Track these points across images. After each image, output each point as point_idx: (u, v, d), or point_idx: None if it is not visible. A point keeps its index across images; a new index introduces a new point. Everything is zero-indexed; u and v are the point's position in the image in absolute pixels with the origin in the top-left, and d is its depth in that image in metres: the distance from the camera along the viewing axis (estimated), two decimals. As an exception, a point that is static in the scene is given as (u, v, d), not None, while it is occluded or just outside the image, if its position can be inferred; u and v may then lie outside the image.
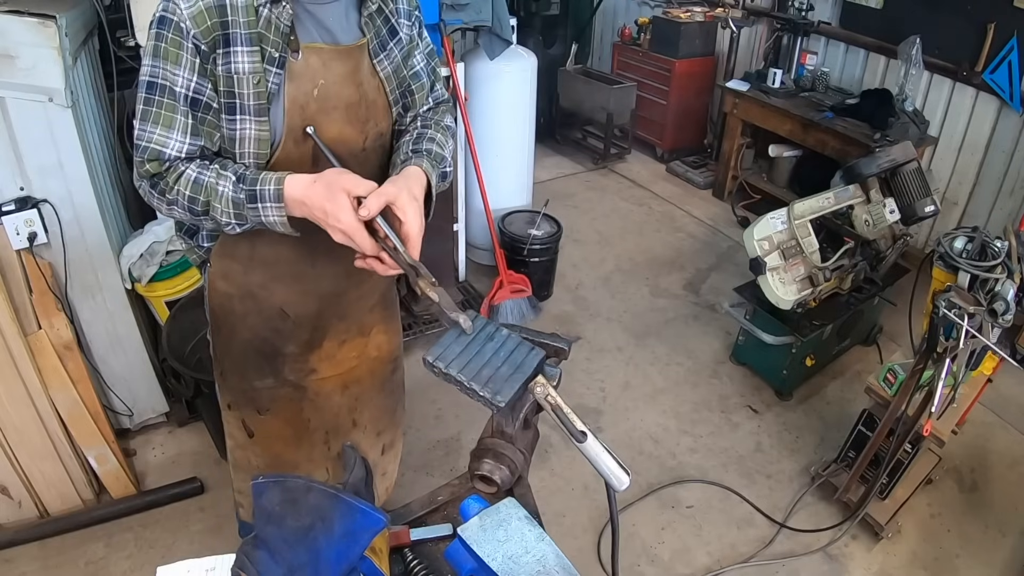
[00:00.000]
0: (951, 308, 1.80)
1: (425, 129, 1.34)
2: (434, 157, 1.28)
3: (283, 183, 1.10)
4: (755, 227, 2.55)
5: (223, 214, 1.13)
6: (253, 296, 1.35)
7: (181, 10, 1.06)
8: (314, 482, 0.88)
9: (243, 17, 1.09)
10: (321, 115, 1.17)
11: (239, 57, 1.10)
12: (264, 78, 1.12)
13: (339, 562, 0.86)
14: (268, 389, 1.48)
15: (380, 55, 1.24)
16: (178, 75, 1.09)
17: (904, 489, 2.26)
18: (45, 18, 1.75)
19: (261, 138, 1.16)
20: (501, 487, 0.97)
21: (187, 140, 1.13)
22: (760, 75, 3.99)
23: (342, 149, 1.20)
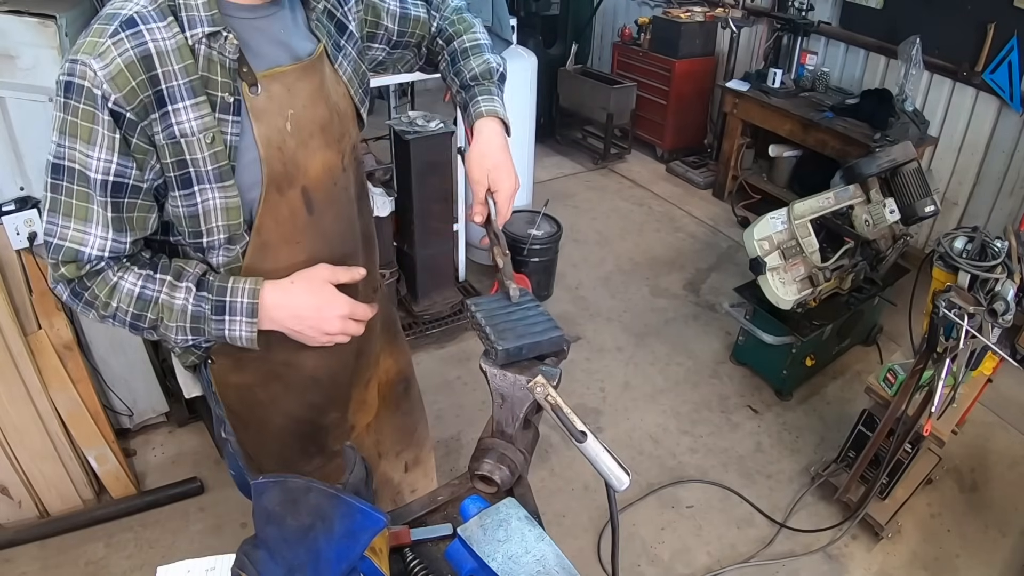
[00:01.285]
0: (951, 308, 1.80)
1: (451, 42, 1.26)
2: (483, 76, 1.21)
3: (258, 295, 0.98)
4: (755, 227, 2.55)
5: (177, 330, 0.98)
6: (278, 377, 1.18)
7: (94, 72, 0.84)
8: (314, 482, 0.88)
9: (176, 64, 0.89)
10: (300, 149, 1.01)
11: (182, 115, 0.90)
12: (219, 134, 0.93)
13: (339, 562, 0.86)
14: (317, 470, 1.32)
15: (338, 56, 1.10)
16: (91, 156, 0.88)
17: (904, 489, 2.26)
18: (45, 18, 1.75)
19: (229, 207, 0.97)
20: (501, 487, 0.97)
21: (109, 236, 0.92)
22: (760, 75, 3.99)
23: (326, 182, 1.06)
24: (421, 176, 2.69)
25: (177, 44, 0.89)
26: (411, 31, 1.24)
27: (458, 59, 1.24)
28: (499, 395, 0.97)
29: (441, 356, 2.98)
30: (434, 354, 2.97)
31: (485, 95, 1.19)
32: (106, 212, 0.91)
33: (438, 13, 1.27)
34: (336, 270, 1.05)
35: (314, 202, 1.05)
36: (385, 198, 2.64)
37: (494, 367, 0.96)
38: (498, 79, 1.24)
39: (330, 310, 1.02)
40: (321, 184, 1.05)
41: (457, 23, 1.27)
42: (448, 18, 1.27)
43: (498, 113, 1.18)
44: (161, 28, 0.88)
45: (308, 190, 1.04)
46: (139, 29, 0.86)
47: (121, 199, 0.92)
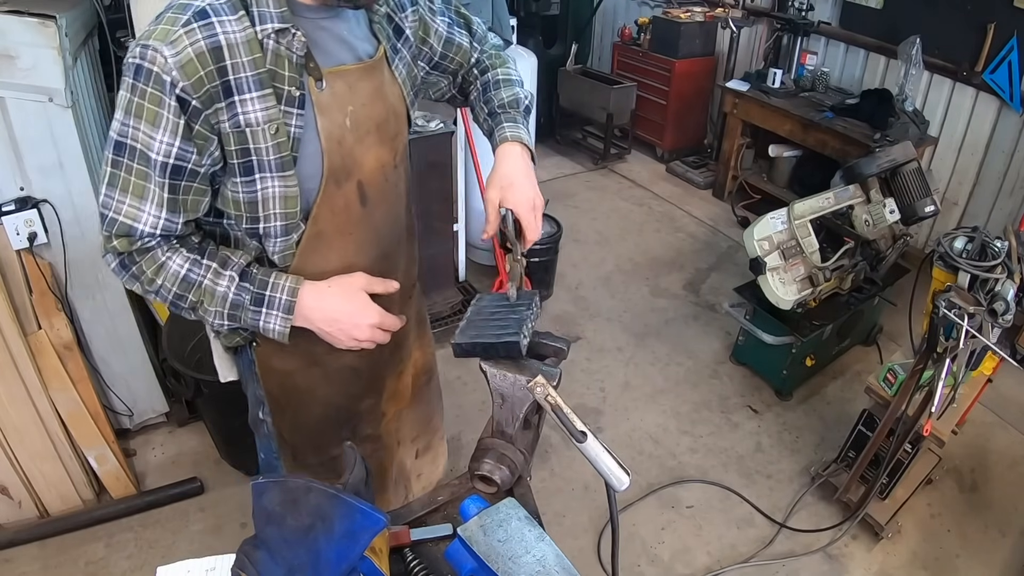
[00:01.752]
0: (951, 308, 1.80)
1: (486, 74, 1.31)
2: (510, 105, 1.25)
3: (297, 295, 1.03)
4: (755, 227, 2.55)
5: (215, 315, 1.04)
6: (319, 365, 1.22)
7: (165, 59, 0.87)
8: (314, 482, 0.88)
9: (245, 56, 0.92)
10: (358, 145, 1.05)
11: (248, 106, 0.94)
12: (283, 125, 0.96)
13: (339, 562, 0.86)
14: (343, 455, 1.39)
15: (395, 59, 1.14)
16: (155, 139, 0.91)
17: (904, 489, 2.26)
18: (45, 18, 1.75)
19: (288, 196, 1.01)
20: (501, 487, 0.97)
21: (163, 215, 0.96)
22: (760, 75, 3.99)
23: (379, 177, 1.11)
24: (421, 176, 2.69)
25: (247, 38, 0.92)
26: (453, 56, 1.28)
27: (489, 89, 1.29)
28: (499, 395, 0.97)
29: (441, 356, 2.93)
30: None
31: (510, 122, 1.23)
32: (162, 192, 0.95)
33: (480, 46, 1.33)
34: (372, 281, 1.11)
35: (368, 196, 1.10)
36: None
37: (494, 367, 0.96)
38: (524, 110, 1.28)
39: (361, 318, 1.07)
40: (374, 179, 1.11)
41: (494, 58, 1.33)
42: (487, 52, 1.33)
43: (522, 139, 1.22)
44: (232, 21, 0.91)
45: (363, 184, 1.09)
46: (211, 21, 0.90)
47: (179, 182, 0.96)
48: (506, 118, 1.24)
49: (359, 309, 1.08)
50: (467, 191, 3.15)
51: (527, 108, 1.29)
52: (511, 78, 1.31)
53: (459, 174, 3.03)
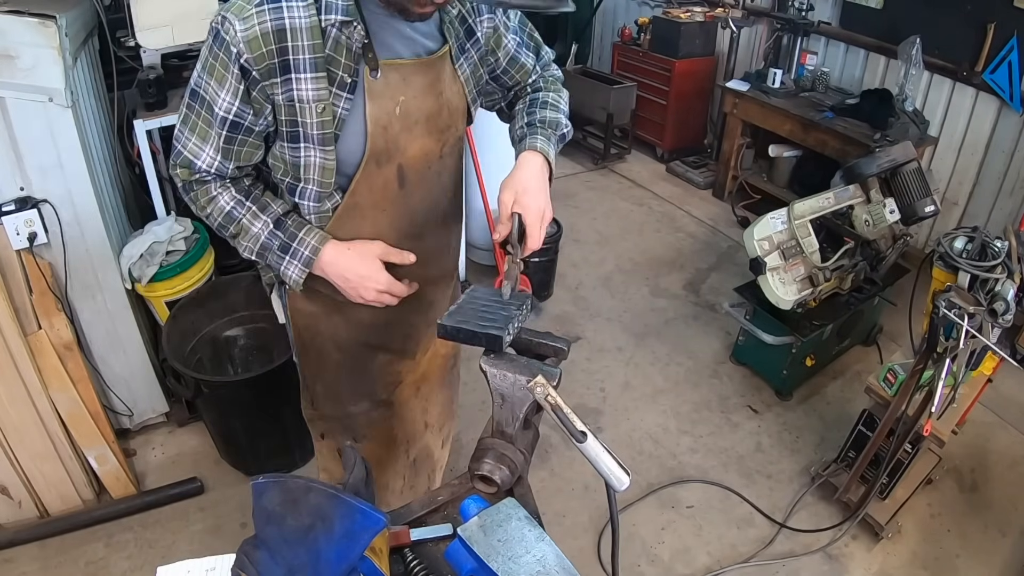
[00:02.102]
0: (951, 308, 1.80)
1: (538, 93, 1.34)
2: (549, 124, 1.28)
3: (319, 253, 1.17)
4: (755, 227, 2.55)
5: (246, 249, 1.20)
6: (340, 311, 1.32)
7: (235, 32, 0.99)
8: (314, 482, 0.88)
9: (306, 40, 1.02)
10: (404, 133, 1.14)
11: (302, 84, 1.04)
12: (331, 106, 1.06)
13: (339, 562, 0.86)
14: (364, 414, 1.48)
15: (460, 59, 1.20)
16: (220, 96, 1.05)
17: (904, 489, 2.26)
18: (45, 18, 1.75)
19: (326, 167, 1.12)
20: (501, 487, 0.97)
21: (218, 158, 1.12)
22: (760, 75, 3.99)
23: (422, 164, 1.19)
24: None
25: (311, 24, 1.02)
26: (514, 73, 1.33)
27: (535, 105, 1.32)
28: (499, 395, 0.97)
29: (441, 356, 2.97)
30: (434, 354, 2.97)
31: (542, 137, 1.26)
32: (220, 141, 1.10)
33: (542, 71, 1.38)
34: (389, 250, 1.21)
35: (407, 179, 1.19)
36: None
37: (494, 367, 0.96)
38: (560, 135, 1.30)
39: (370, 282, 1.19)
40: (416, 165, 1.19)
41: (550, 83, 1.37)
42: (546, 78, 1.38)
43: (548, 153, 1.24)
44: (300, 7, 1.01)
45: (403, 168, 1.17)
46: (280, 5, 1.00)
47: (235, 135, 1.10)
48: (541, 133, 1.27)
49: (369, 273, 1.19)
50: (467, 192, 3.15)
51: (563, 136, 1.32)
52: (559, 105, 1.34)
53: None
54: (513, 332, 1.01)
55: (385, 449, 1.55)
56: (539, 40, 1.35)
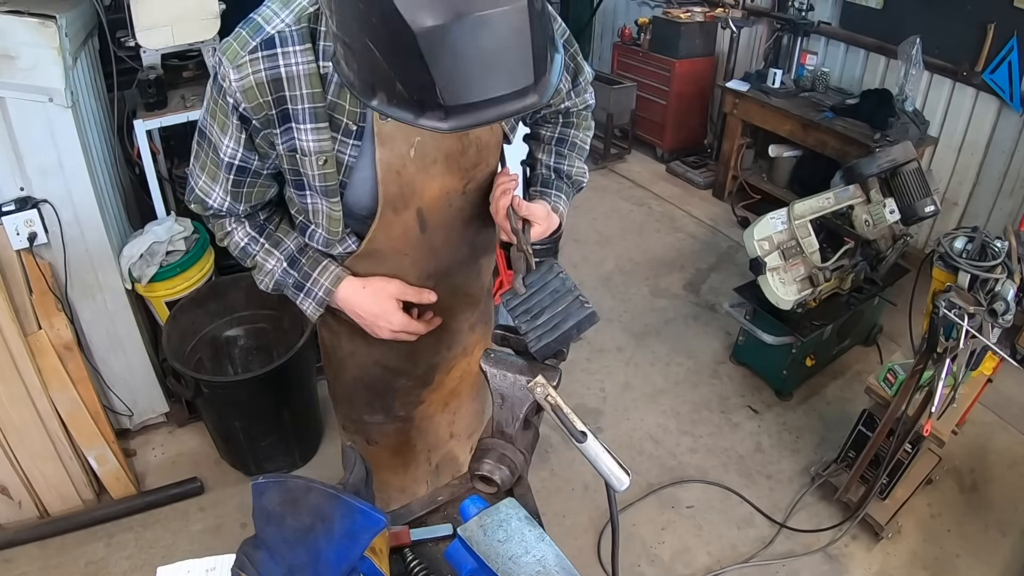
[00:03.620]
0: (951, 308, 1.80)
1: (568, 129, 1.31)
2: (575, 182, 1.28)
3: (332, 294, 1.16)
4: (755, 227, 2.55)
5: (262, 283, 1.19)
6: (363, 335, 1.27)
7: (231, 81, 0.94)
8: (314, 482, 0.88)
9: (305, 89, 0.96)
10: (420, 174, 1.07)
11: (302, 135, 0.99)
12: (335, 155, 1.02)
13: (339, 562, 0.86)
14: (377, 424, 1.47)
15: None
16: (224, 142, 1.02)
17: (904, 489, 2.26)
18: (45, 18, 1.75)
19: (332, 216, 1.08)
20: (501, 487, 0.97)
21: (227, 199, 1.09)
22: (760, 75, 3.99)
23: (443, 204, 1.13)
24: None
25: (309, 71, 0.95)
26: None
27: (564, 147, 1.30)
28: (499, 395, 0.97)
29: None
30: (434, 354, 2.97)
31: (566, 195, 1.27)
32: (228, 184, 1.07)
33: (576, 97, 1.30)
34: (406, 290, 1.18)
35: (428, 222, 1.14)
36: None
37: (494, 367, 0.96)
38: (577, 189, 1.32)
39: (383, 321, 1.17)
40: (436, 206, 1.13)
41: (581, 117, 1.33)
42: (579, 107, 1.31)
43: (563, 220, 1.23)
44: (298, 52, 0.94)
45: (423, 211, 1.12)
46: (275, 52, 0.94)
47: (243, 179, 1.08)
48: (565, 191, 1.26)
49: (382, 313, 1.17)
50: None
51: (581, 188, 1.33)
52: (586, 148, 1.33)
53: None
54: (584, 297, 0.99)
55: (401, 456, 1.53)
56: (581, 64, 1.27)
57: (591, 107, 1.35)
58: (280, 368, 2.10)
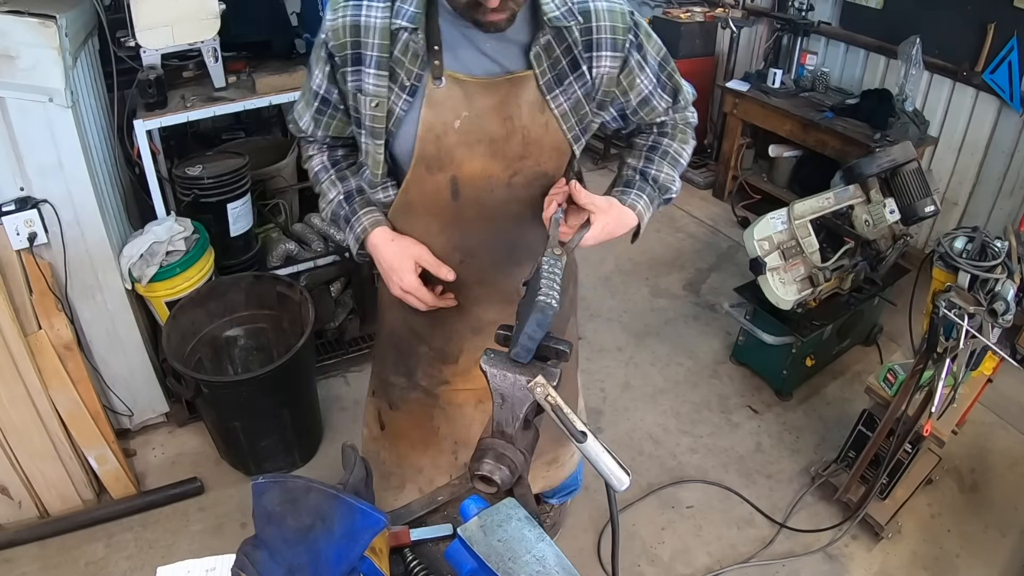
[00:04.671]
0: (951, 308, 1.80)
1: (662, 137, 1.31)
2: (661, 188, 1.28)
3: (367, 234, 1.25)
4: (755, 227, 2.55)
5: (322, 211, 1.34)
6: None
7: (326, 20, 1.12)
8: (314, 482, 0.88)
9: (377, 39, 1.09)
10: (462, 148, 1.13)
11: (365, 78, 1.12)
12: (385, 103, 1.12)
13: (339, 562, 0.86)
14: (400, 388, 1.54)
15: (555, 90, 1.13)
16: (315, 72, 1.19)
17: (904, 489, 2.26)
18: (45, 18, 1.75)
19: (376, 157, 1.19)
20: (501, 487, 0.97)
21: (311, 125, 1.26)
22: (760, 75, 3.99)
23: (482, 185, 1.18)
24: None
25: (383, 25, 1.09)
26: (644, 115, 1.28)
27: (655, 153, 1.31)
28: (499, 395, 0.97)
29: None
30: (434, 354, 2.97)
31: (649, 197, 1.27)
32: (313, 111, 1.25)
33: (675, 115, 1.32)
34: (428, 259, 1.24)
35: (461, 193, 1.19)
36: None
37: (494, 367, 0.96)
38: (666, 199, 1.32)
39: (396, 276, 1.24)
40: (473, 183, 1.18)
41: (678, 131, 1.34)
42: (677, 122, 1.33)
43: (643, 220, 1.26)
44: (378, 8, 1.09)
45: (457, 180, 1.18)
46: (361, 4, 1.10)
47: (325, 109, 1.24)
48: (648, 194, 1.27)
49: (399, 269, 1.23)
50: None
51: (667, 200, 1.33)
52: (679, 159, 1.32)
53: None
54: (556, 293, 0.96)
55: (420, 432, 1.56)
56: (679, 82, 1.28)
57: (692, 123, 1.35)
58: (280, 368, 2.10)
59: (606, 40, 1.13)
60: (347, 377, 2.83)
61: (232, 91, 2.40)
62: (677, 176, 1.31)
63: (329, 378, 2.78)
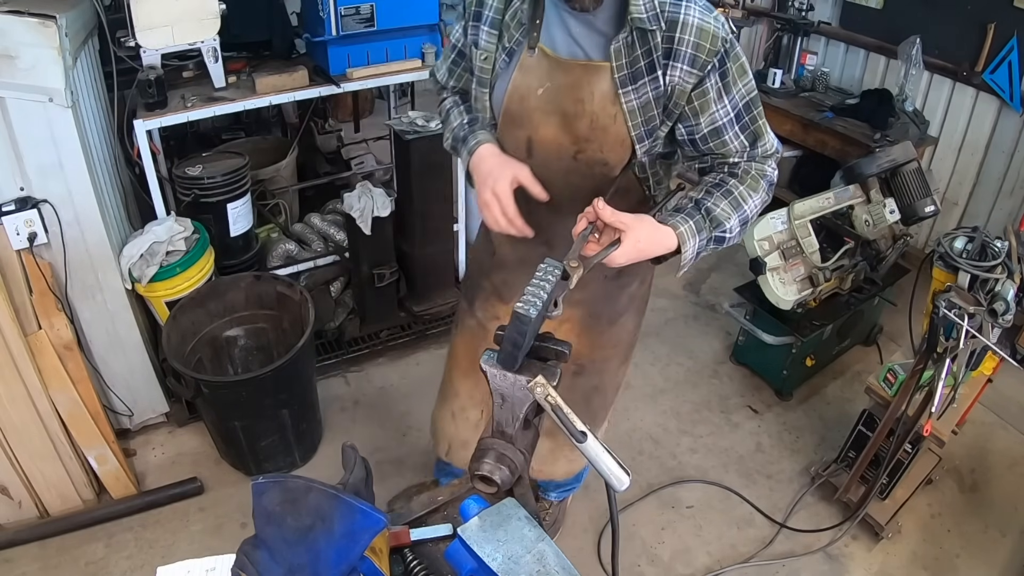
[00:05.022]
0: (951, 308, 1.80)
1: (730, 178, 1.25)
2: (713, 219, 1.21)
3: (479, 145, 1.34)
4: (755, 227, 2.54)
5: (446, 139, 1.46)
6: None
7: None
8: (314, 482, 0.88)
9: (496, 3, 1.26)
10: (540, 113, 1.26)
11: (480, 34, 1.29)
12: (492, 58, 1.29)
13: (339, 562, 0.86)
14: (463, 311, 1.71)
15: (628, 87, 1.18)
16: (456, 28, 1.39)
17: (904, 489, 2.26)
18: (45, 18, 1.75)
19: (483, 104, 1.35)
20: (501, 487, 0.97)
21: (445, 75, 1.46)
22: (760, 75, 3.98)
23: (552, 151, 1.29)
24: (421, 176, 2.69)
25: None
26: (712, 145, 1.26)
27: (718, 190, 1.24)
28: (499, 395, 0.97)
29: (441, 356, 2.94)
30: (434, 354, 2.97)
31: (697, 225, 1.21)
32: (448, 62, 1.45)
33: (750, 160, 1.28)
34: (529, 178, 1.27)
35: (534, 152, 1.31)
36: (385, 198, 2.64)
37: (494, 367, 0.96)
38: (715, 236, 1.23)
39: (491, 180, 1.27)
40: (546, 147, 1.30)
41: (747, 177, 1.26)
42: (751, 169, 1.27)
43: (684, 242, 1.19)
44: None
45: (532, 141, 1.30)
46: None
47: (460, 60, 1.43)
48: (698, 220, 1.20)
49: (498, 176, 1.27)
50: (467, 191, 3.15)
51: (719, 238, 1.24)
52: (743, 204, 1.24)
53: (459, 174, 3.03)
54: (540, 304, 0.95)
55: (467, 360, 1.69)
56: (763, 130, 1.26)
57: (767, 179, 1.28)
58: (280, 368, 2.10)
59: (686, 54, 1.15)
60: (347, 377, 2.83)
61: (232, 91, 2.40)
62: (736, 218, 1.23)
63: (329, 378, 2.78)
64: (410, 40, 2.64)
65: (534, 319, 0.92)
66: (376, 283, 2.78)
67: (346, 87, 2.57)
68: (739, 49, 1.19)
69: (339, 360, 2.83)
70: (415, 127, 2.62)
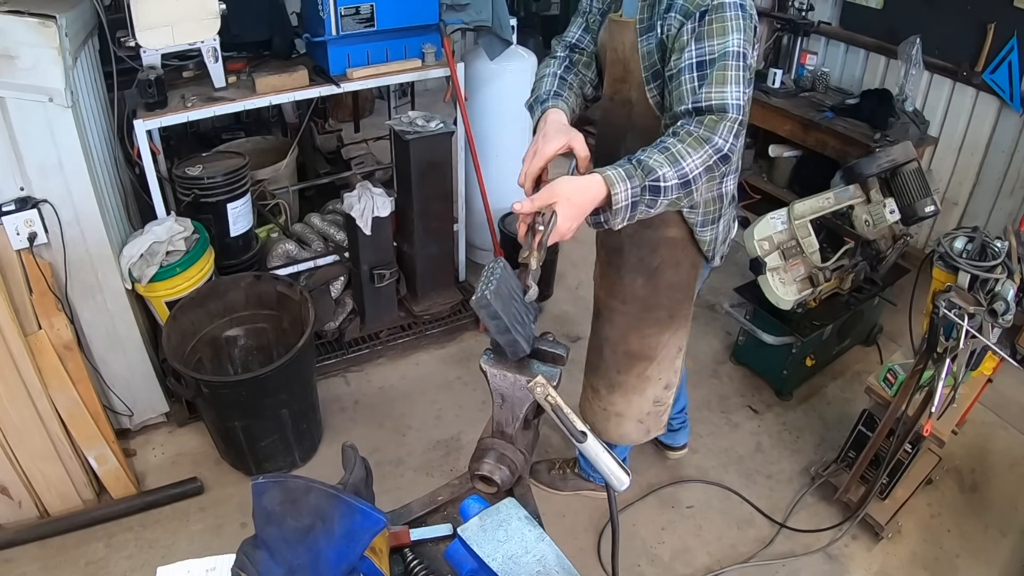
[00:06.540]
0: (951, 308, 1.80)
1: (670, 137, 1.26)
2: (644, 167, 1.20)
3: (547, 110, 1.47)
4: (755, 227, 2.55)
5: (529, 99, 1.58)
6: None
7: None
8: (314, 482, 0.88)
9: None
10: (612, 55, 1.52)
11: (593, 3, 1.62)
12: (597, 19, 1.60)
13: (339, 562, 0.86)
14: None
15: (643, 36, 1.43)
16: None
17: (904, 489, 2.26)
18: (45, 18, 1.75)
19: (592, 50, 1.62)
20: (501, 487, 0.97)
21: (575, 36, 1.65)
22: (760, 75, 3.98)
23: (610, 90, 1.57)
24: (421, 176, 2.69)
25: None
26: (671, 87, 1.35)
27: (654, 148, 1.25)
28: (499, 395, 0.98)
29: (441, 356, 2.98)
30: (434, 354, 2.97)
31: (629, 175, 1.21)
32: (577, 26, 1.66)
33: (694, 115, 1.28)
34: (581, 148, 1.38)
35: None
36: (385, 198, 2.64)
37: (494, 367, 0.97)
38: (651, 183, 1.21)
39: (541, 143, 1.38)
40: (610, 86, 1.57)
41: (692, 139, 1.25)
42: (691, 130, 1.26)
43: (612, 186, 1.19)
44: None
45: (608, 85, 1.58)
46: None
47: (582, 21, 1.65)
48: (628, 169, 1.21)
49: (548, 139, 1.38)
50: (467, 191, 3.15)
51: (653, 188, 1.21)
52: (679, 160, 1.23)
53: (459, 174, 3.03)
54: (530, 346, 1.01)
55: None
56: (721, 85, 1.27)
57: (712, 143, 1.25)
58: (280, 368, 2.10)
59: (679, 4, 1.34)
60: (347, 377, 2.83)
61: (232, 91, 2.40)
62: (672, 170, 1.21)
63: (329, 378, 2.78)
64: (410, 40, 2.64)
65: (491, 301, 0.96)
66: (376, 283, 2.78)
67: (346, 87, 2.57)
68: (734, 13, 1.30)
69: (339, 360, 2.83)
70: (415, 127, 2.62)
